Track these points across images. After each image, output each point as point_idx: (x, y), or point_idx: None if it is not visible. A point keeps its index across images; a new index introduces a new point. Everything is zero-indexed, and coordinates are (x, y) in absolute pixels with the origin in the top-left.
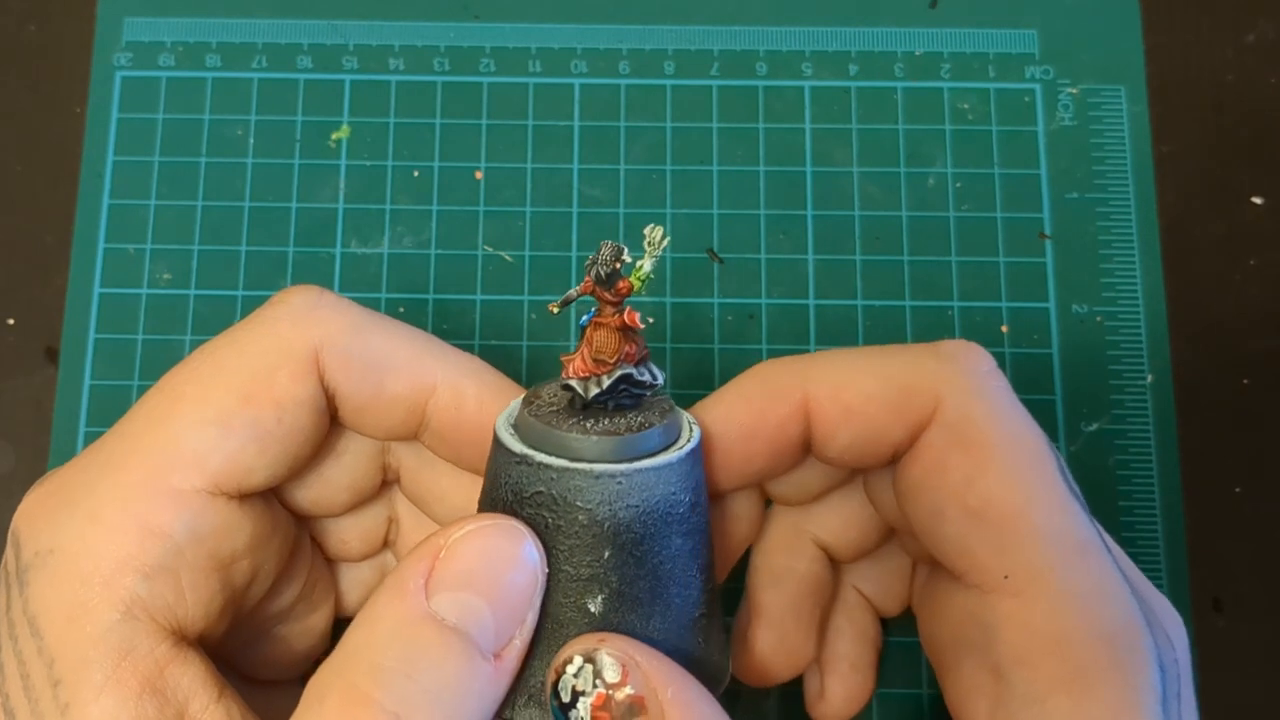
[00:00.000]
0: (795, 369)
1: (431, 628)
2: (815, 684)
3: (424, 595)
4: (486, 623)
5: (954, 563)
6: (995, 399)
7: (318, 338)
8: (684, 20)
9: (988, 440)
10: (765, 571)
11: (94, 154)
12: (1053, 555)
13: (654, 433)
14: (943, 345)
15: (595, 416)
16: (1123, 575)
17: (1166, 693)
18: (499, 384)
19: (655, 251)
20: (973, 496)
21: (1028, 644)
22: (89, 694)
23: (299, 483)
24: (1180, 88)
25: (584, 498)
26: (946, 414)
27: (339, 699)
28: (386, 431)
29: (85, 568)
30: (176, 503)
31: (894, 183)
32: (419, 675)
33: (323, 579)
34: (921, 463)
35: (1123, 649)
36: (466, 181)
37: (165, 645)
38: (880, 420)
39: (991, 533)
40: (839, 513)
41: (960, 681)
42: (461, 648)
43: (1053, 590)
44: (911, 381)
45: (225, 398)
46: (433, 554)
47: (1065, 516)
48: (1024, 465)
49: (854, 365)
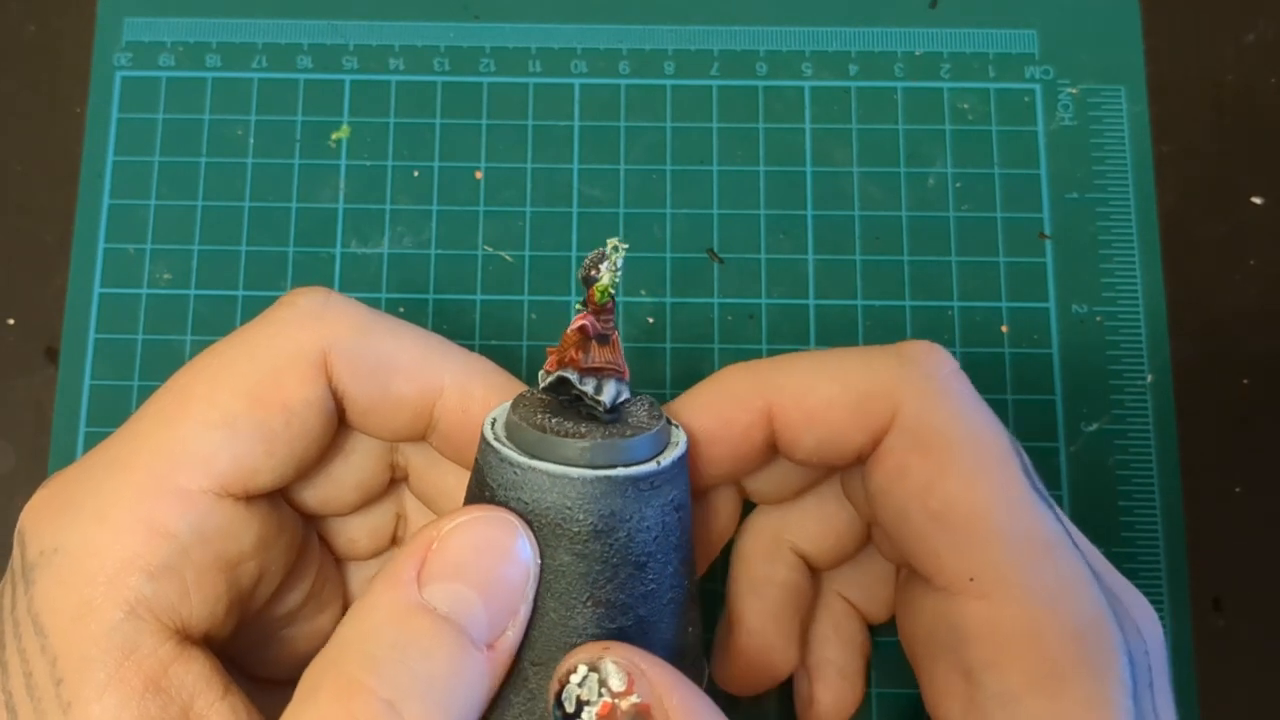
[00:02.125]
0: (758, 375)
1: (424, 617)
2: (805, 692)
3: (416, 586)
4: (479, 613)
5: (921, 565)
6: (956, 401)
7: (326, 340)
8: (684, 20)
9: (947, 443)
10: (744, 581)
11: (94, 154)
12: (1016, 555)
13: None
14: (904, 347)
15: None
16: (1090, 570)
17: (1138, 684)
18: (506, 385)
19: (613, 265)
20: (933, 500)
21: (996, 645)
22: (91, 692)
23: (307, 482)
24: (1180, 88)
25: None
26: (905, 418)
27: (332, 688)
28: (393, 433)
29: (90, 567)
30: (183, 503)
31: (894, 183)
32: (412, 663)
33: (331, 579)
34: (883, 467)
35: (1090, 645)
36: (466, 181)
37: (169, 644)
38: (842, 425)
39: (954, 535)
40: (816, 519)
41: (934, 683)
42: (454, 637)
43: (1018, 591)
44: (870, 386)
45: (233, 400)
46: (425, 546)
47: (1028, 516)
48: (985, 466)
49: (816, 370)
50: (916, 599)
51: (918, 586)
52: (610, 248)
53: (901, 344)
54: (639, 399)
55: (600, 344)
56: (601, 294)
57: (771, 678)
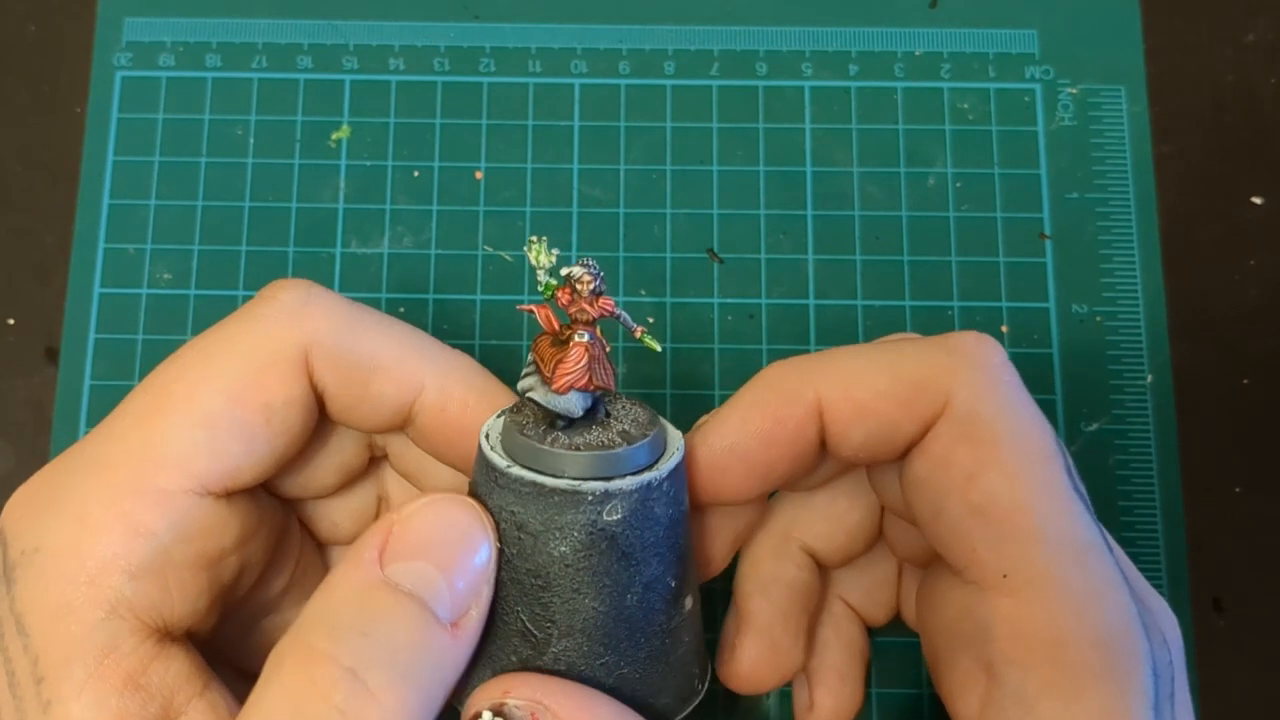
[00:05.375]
0: (805, 369)
1: (386, 592)
2: (804, 696)
3: (379, 565)
4: (442, 591)
5: (954, 558)
6: (1005, 394)
7: (307, 336)
8: (684, 20)
9: (994, 436)
10: (753, 579)
11: (94, 154)
12: (1052, 556)
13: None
14: (954, 338)
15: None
16: (1123, 577)
17: (1159, 696)
18: (485, 386)
19: (542, 251)
20: (975, 492)
21: (1022, 645)
22: (70, 691)
23: (287, 469)
24: (1180, 88)
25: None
26: (955, 409)
27: (295, 659)
28: (373, 427)
29: (70, 567)
30: (162, 503)
31: (894, 183)
32: (375, 635)
33: (313, 565)
34: (928, 456)
35: (1117, 653)
36: (466, 181)
37: (149, 643)
38: (892, 416)
39: (992, 529)
40: (827, 516)
41: (954, 675)
42: (417, 611)
43: (1049, 592)
44: (922, 376)
45: (213, 398)
46: (387, 527)
47: (1067, 517)
48: (1029, 463)
49: (864, 362)
50: (943, 591)
51: (944, 579)
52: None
53: (950, 334)
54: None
55: (559, 349)
56: (543, 288)
57: (778, 677)
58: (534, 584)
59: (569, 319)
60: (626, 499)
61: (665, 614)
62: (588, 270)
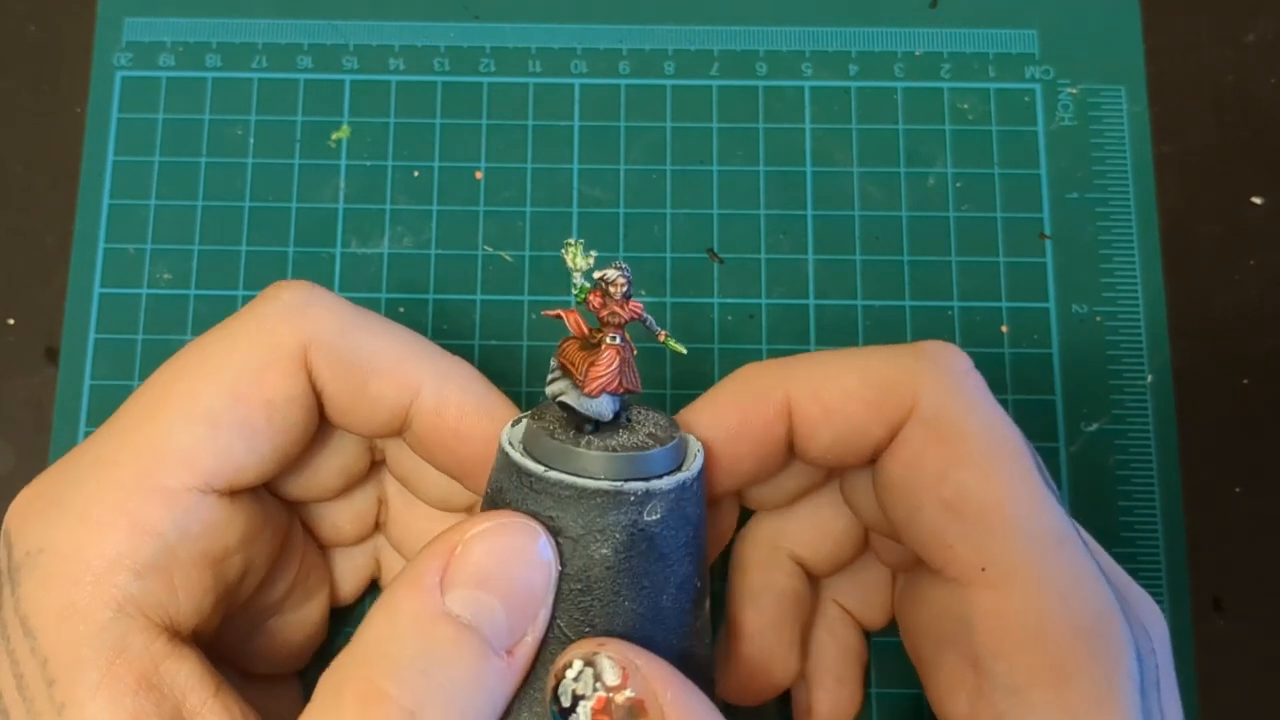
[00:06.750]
0: (776, 370)
1: (447, 625)
2: (803, 699)
3: (439, 592)
4: (500, 620)
5: (932, 556)
6: (971, 395)
7: (308, 335)
8: (684, 20)
9: (964, 435)
10: (744, 590)
11: (94, 154)
12: (1029, 547)
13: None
14: (921, 346)
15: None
16: (1098, 567)
17: (1145, 681)
18: (483, 392)
19: (579, 253)
20: (948, 489)
21: (1006, 635)
22: (84, 692)
23: (290, 470)
24: (1180, 88)
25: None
26: (924, 410)
27: (356, 695)
28: (371, 430)
29: (76, 567)
30: (167, 501)
31: (894, 183)
32: (435, 673)
33: (316, 567)
34: (899, 458)
35: (1100, 639)
36: (466, 181)
37: (159, 642)
38: (860, 418)
39: (967, 525)
40: (813, 525)
41: (941, 675)
42: (476, 645)
43: (1029, 582)
44: (890, 379)
45: (215, 396)
46: (448, 550)
47: (1041, 510)
48: (999, 459)
49: (833, 365)
50: (924, 593)
51: (925, 581)
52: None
53: (918, 343)
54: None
55: (588, 351)
56: (575, 290)
57: (773, 687)
58: (573, 589)
59: (598, 322)
60: (664, 499)
61: (691, 614)
62: (621, 273)
